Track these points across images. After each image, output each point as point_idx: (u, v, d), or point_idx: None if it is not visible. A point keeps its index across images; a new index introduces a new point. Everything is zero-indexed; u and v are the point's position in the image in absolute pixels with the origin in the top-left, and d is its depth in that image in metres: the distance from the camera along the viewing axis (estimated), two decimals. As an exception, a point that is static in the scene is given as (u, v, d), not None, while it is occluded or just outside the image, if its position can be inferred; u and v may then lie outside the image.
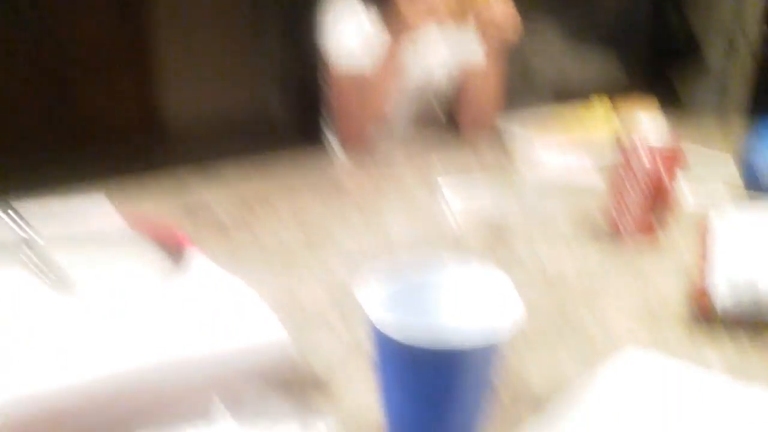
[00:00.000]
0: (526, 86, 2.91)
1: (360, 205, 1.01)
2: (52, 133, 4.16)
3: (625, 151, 0.86)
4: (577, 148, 1.21)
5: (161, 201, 1.01)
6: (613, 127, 1.32)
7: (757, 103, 2.80)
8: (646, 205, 0.85)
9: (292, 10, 1.59)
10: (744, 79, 2.37)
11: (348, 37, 1.32)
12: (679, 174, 0.86)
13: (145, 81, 4.41)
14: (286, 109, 5.27)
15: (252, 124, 5.08)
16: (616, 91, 2.78)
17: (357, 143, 1.32)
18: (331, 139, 1.47)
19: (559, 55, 2.89)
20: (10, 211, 0.66)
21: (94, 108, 4.24)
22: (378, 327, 0.42)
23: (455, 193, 1.03)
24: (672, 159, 0.84)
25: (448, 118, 1.48)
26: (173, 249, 0.63)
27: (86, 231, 0.67)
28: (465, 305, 0.48)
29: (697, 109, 2.90)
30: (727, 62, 2.66)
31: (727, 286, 0.64)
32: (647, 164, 0.83)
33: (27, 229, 0.64)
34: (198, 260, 0.61)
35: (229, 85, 5.18)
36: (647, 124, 0.88)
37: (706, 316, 0.65)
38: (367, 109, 1.29)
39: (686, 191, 1.01)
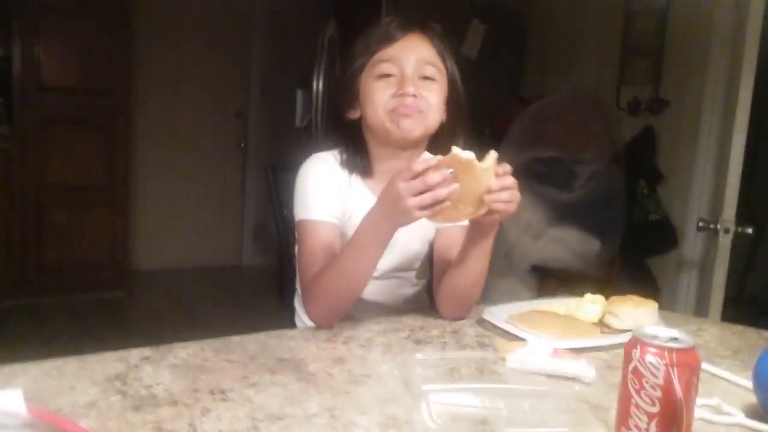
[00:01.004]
0: (509, 269, 2.87)
1: (323, 390, 0.89)
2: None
3: (632, 351, 0.75)
4: (565, 337, 1.11)
5: (95, 377, 0.89)
6: (602, 318, 1.24)
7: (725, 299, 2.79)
8: (657, 416, 0.73)
9: (273, 167, 1.53)
10: (722, 273, 2.35)
11: (324, 199, 1.25)
12: (695, 386, 0.74)
13: (117, 224, 4.33)
14: (258, 270, 5.22)
15: (222, 279, 5.01)
16: (599, 278, 2.78)
17: (327, 318, 1.19)
18: (300, 311, 1.35)
19: (540, 238, 2.88)
20: None
21: (61, 246, 4.13)
22: None
23: (434, 383, 0.90)
24: (686, 361, 0.73)
25: (430, 300, 1.37)
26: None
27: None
28: None
29: (675, 306, 2.86)
30: (705, 255, 2.66)
31: None
32: (658, 367, 0.72)
33: None
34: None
35: (201, 238, 5.17)
36: (657, 323, 0.78)
37: None
38: (342, 282, 1.16)
39: (705, 409, 0.89)
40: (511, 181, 1.07)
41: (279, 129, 4.85)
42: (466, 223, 1.18)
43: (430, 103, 1.23)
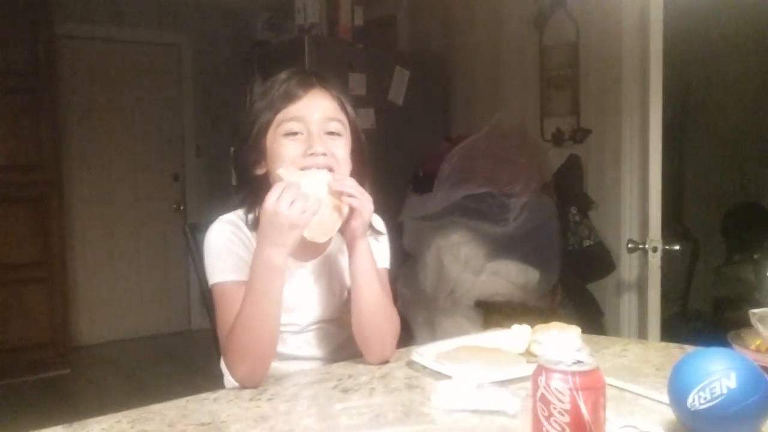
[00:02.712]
0: (454, 306, 2.87)
1: None
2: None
3: (539, 376, 0.76)
4: (494, 376, 1.10)
5: None
6: (529, 349, 1.24)
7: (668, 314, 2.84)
8: (568, 445, 0.73)
9: (192, 227, 1.52)
10: (657, 291, 2.41)
11: (233, 260, 1.23)
12: (604, 402, 0.75)
13: (56, 300, 4.19)
14: (208, 332, 5.07)
15: (171, 346, 4.87)
16: (542, 308, 2.80)
17: (250, 376, 1.16)
18: (226, 373, 1.32)
19: (480, 273, 2.91)
20: None
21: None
22: None
23: (354, 429, 0.89)
24: (591, 383, 0.74)
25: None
26: None
27: None
28: None
29: (618, 326, 2.90)
30: (641, 275, 2.72)
31: None
32: (563, 390, 0.73)
33: None
34: None
35: (147, 306, 5.04)
36: (564, 346, 0.79)
37: None
38: (253, 333, 1.14)
39: (610, 423, 0.90)
40: (349, 180, 1.19)
41: (217, 188, 4.82)
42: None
43: (339, 159, 1.25)
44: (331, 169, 1.22)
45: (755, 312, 1.07)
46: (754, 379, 0.85)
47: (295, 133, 1.23)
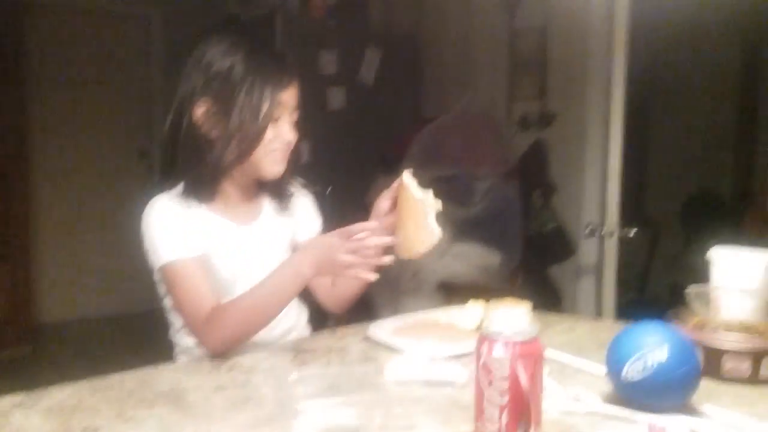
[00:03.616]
0: (418, 287, 2.92)
1: (200, 418, 0.90)
2: None
3: (481, 345, 0.80)
4: (446, 349, 1.15)
5: None
6: (481, 325, 1.29)
7: (627, 299, 2.93)
8: (506, 407, 0.77)
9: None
10: (615, 276, 2.48)
11: (179, 236, 1.26)
12: (542, 372, 0.80)
13: (17, 277, 4.15)
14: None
15: (135, 325, 4.84)
16: (496, 288, 2.87)
17: (230, 347, 1.19)
18: (181, 344, 1.35)
19: (444, 255, 2.95)
20: None
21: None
22: None
23: (310, 401, 0.92)
24: (530, 352, 0.78)
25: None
26: None
27: None
28: None
29: (577, 310, 2.97)
30: (599, 260, 2.79)
31: None
32: (502, 358, 0.77)
33: None
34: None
35: (111, 285, 5.00)
36: (508, 317, 0.83)
37: None
38: (257, 315, 1.20)
39: (553, 394, 0.95)
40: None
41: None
42: None
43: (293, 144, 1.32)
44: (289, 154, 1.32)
45: (690, 290, 1.13)
46: (684, 351, 0.90)
47: (276, 119, 1.28)
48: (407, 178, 1.23)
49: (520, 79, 3.31)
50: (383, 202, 1.30)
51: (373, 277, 1.13)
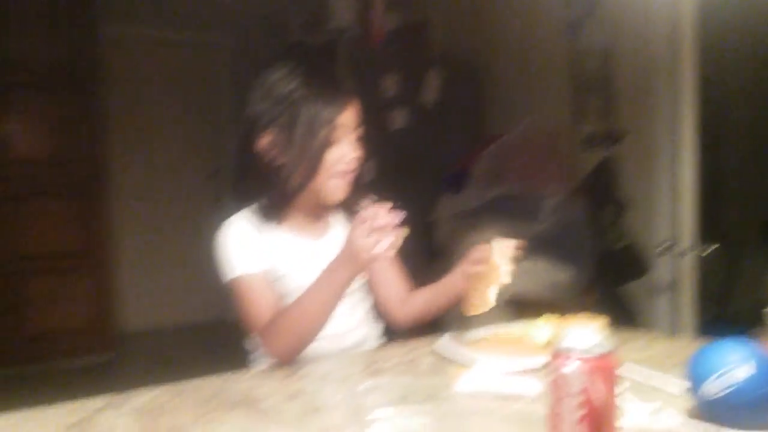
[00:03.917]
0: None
1: (274, 424, 0.92)
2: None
3: (554, 362, 0.79)
4: (519, 364, 1.14)
5: (57, 422, 0.92)
6: (553, 340, 1.27)
7: (707, 318, 2.82)
8: (579, 423, 0.76)
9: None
10: (692, 294, 2.40)
11: (247, 253, 1.30)
12: (618, 390, 0.78)
13: (100, 288, 4.35)
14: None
15: (213, 334, 4.97)
16: (567, 306, 2.81)
17: (290, 356, 1.22)
18: (254, 347, 1.39)
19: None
20: None
21: (45, 314, 4.13)
22: None
23: (382, 411, 0.93)
24: (604, 368, 0.77)
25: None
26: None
27: None
28: None
29: (651, 329, 2.88)
30: (675, 278, 2.70)
31: None
32: (576, 375, 0.76)
33: None
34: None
35: (189, 295, 5.15)
36: (582, 333, 0.82)
37: None
38: (301, 328, 1.21)
39: (630, 409, 0.92)
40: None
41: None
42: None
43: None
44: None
45: (768, 309, 1.08)
46: (768, 369, 0.87)
47: (335, 142, 1.31)
48: (497, 242, 1.33)
49: (584, 98, 3.28)
50: (477, 252, 1.37)
51: (392, 252, 1.13)
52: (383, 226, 1.11)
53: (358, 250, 1.12)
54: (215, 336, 4.92)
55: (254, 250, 1.30)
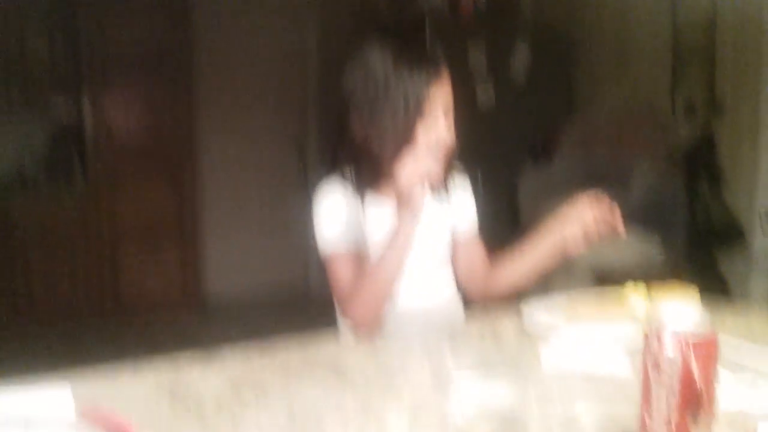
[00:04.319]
0: (564, 270, 2.84)
1: (358, 384, 0.95)
2: (93, 304, 4.26)
3: (651, 341, 0.75)
4: (606, 335, 1.11)
5: (148, 383, 0.97)
6: (644, 314, 1.23)
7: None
8: (677, 404, 0.73)
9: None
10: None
11: (337, 218, 1.32)
12: (717, 369, 0.74)
13: (189, 256, 4.56)
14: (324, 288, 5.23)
15: (290, 302, 5.09)
16: (657, 276, 2.71)
17: (367, 326, 1.24)
18: (341, 322, 1.41)
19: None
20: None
21: (137, 280, 4.38)
22: None
23: (466, 382, 0.93)
24: (705, 350, 0.73)
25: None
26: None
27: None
28: None
29: (747, 300, 2.76)
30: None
31: None
32: (675, 356, 0.72)
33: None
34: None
35: (273, 264, 5.29)
36: (680, 310, 0.78)
37: None
38: (375, 290, 1.24)
39: (729, 390, 0.88)
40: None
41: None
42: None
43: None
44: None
45: None
46: None
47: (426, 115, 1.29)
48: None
49: (685, 70, 3.14)
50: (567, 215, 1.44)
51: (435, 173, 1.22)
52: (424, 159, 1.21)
53: (406, 186, 1.19)
54: (303, 306, 5.00)
55: (345, 226, 1.33)
